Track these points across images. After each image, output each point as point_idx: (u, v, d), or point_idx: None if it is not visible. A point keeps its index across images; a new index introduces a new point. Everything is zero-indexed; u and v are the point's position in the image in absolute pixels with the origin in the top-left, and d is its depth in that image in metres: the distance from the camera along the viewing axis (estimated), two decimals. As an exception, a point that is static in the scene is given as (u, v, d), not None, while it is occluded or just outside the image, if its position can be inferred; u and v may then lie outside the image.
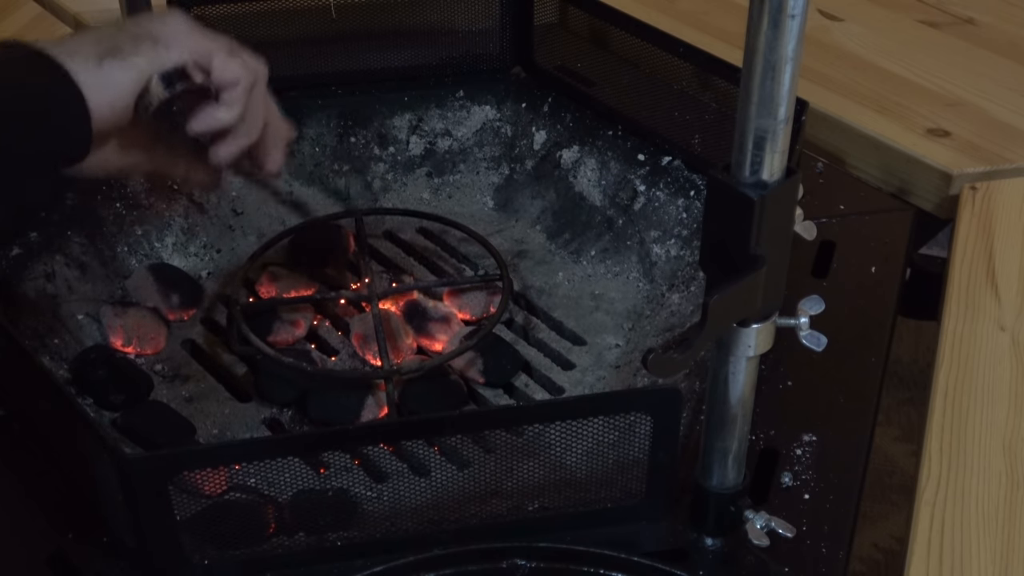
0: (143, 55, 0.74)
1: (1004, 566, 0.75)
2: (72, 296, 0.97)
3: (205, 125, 0.79)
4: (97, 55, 0.73)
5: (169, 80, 0.75)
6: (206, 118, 0.78)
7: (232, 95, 0.78)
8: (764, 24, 0.59)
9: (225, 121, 0.79)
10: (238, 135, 0.80)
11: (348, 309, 1.02)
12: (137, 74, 0.74)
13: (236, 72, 0.78)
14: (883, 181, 1.11)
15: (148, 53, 0.74)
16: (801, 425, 0.84)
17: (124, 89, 0.73)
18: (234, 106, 0.78)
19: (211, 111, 0.78)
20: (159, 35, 0.75)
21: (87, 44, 0.74)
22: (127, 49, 0.74)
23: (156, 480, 0.69)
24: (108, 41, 0.74)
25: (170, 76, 0.75)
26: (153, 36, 0.75)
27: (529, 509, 0.76)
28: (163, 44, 0.75)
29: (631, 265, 1.05)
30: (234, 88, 0.78)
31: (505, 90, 1.17)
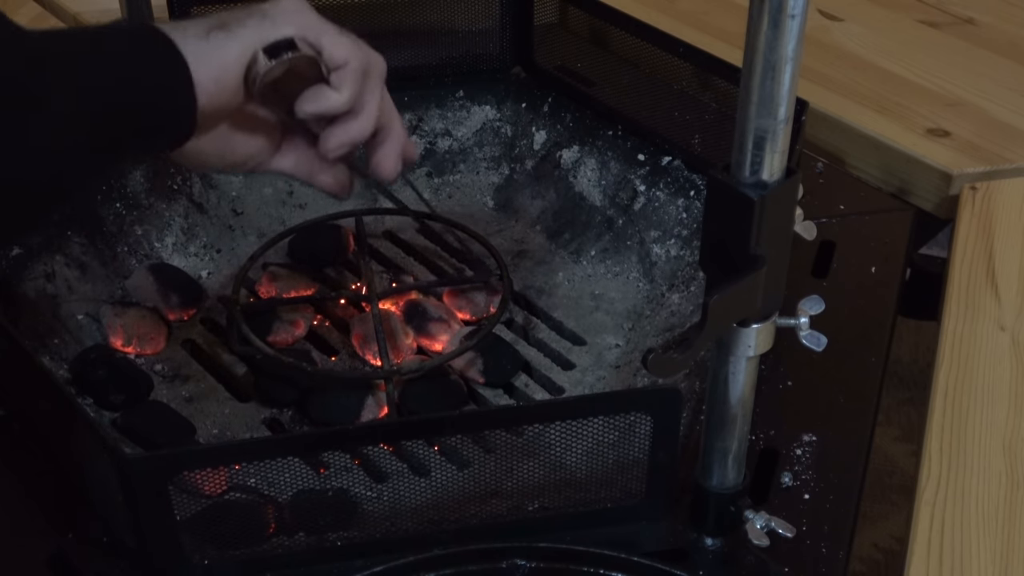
0: (249, 27, 0.72)
1: (1004, 566, 0.75)
2: (72, 296, 0.97)
3: (314, 106, 0.74)
4: (206, 28, 0.71)
5: (275, 50, 0.71)
6: (314, 99, 0.74)
7: (342, 75, 0.74)
8: (764, 24, 0.59)
9: (334, 103, 0.74)
10: (346, 124, 0.76)
11: (348, 309, 1.02)
12: (241, 45, 0.71)
13: (347, 51, 0.74)
14: (883, 181, 1.11)
15: (255, 26, 0.72)
16: (801, 425, 0.84)
17: (229, 60, 0.71)
18: (344, 88, 0.74)
19: (319, 91, 0.74)
20: (268, 10, 0.73)
21: (197, 21, 0.72)
22: (234, 23, 0.71)
23: (156, 480, 0.69)
24: (218, 17, 0.72)
25: (276, 46, 0.71)
26: (262, 11, 0.73)
27: (529, 509, 0.76)
28: (270, 19, 0.72)
29: (631, 265, 1.05)
30: (344, 68, 0.74)
31: (505, 90, 1.17)
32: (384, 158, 0.80)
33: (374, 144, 0.80)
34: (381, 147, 0.80)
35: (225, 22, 0.72)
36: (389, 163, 0.81)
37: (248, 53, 0.72)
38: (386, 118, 0.79)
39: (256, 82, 0.72)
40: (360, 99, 0.76)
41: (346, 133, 0.77)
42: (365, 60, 0.75)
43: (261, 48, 0.72)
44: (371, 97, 0.77)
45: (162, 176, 1.08)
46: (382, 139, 0.80)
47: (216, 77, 0.70)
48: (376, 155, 0.80)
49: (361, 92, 0.76)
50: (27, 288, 0.95)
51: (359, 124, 0.77)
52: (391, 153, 0.80)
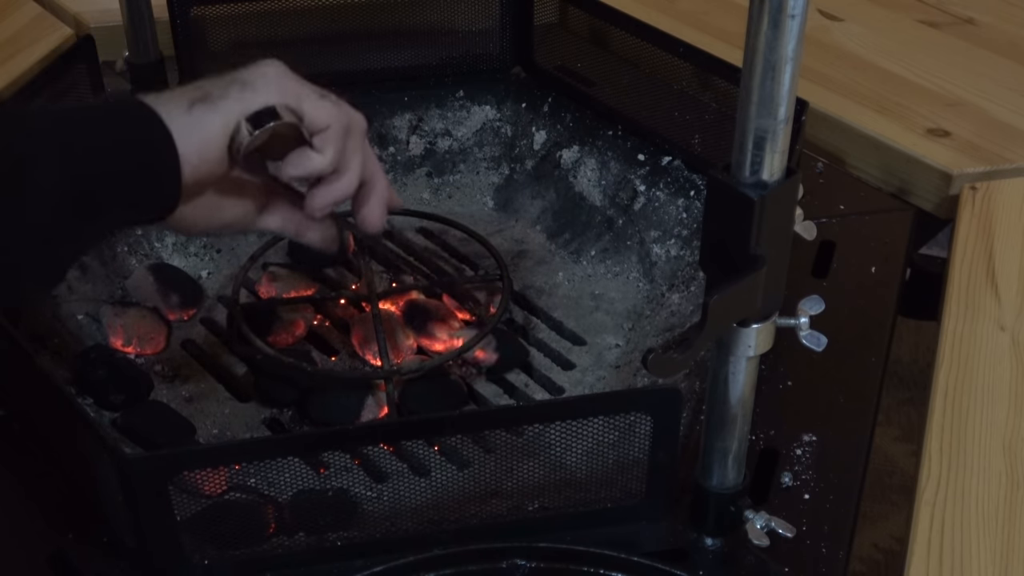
0: (231, 98, 0.73)
1: (1004, 566, 0.75)
2: (72, 296, 0.97)
3: (298, 170, 0.76)
4: (189, 101, 0.72)
5: (258, 119, 0.73)
6: (298, 162, 0.76)
7: (324, 138, 0.76)
8: (764, 24, 0.59)
9: (317, 166, 0.76)
10: (331, 184, 0.78)
11: (348, 309, 1.02)
12: (224, 118, 0.72)
13: (328, 114, 0.76)
14: (883, 181, 1.11)
15: (236, 96, 0.73)
16: (801, 425, 0.84)
17: (213, 133, 0.72)
18: (326, 151, 0.76)
19: (303, 155, 0.76)
20: (248, 79, 0.74)
21: (179, 92, 0.73)
22: (215, 94, 0.73)
23: (156, 480, 0.69)
24: (198, 89, 0.73)
25: (259, 116, 0.73)
26: (242, 80, 0.74)
27: (529, 509, 0.76)
28: (251, 87, 0.74)
29: (631, 265, 1.05)
30: (326, 131, 0.76)
31: (505, 90, 1.17)
32: (369, 213, 0.82)
33: (359, 199, 0.81)
34: (366, 203, 0.82)
35: (207, 94, 0.73)
36: (374, 217, 0.82)
37: (231, 124, 0.73)
38: (369, 173, 0.80)
39: (240, 151, 0.73)
40: (343, 159, 0.77)
41: (331, 193, 0.78)
42: (346, 121, 0.77)
43: (244, 118, 0.73)
44: (354, 156, 0.78)
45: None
46: (366, 194, 0.81)
47: (200, 150, 0.72)
48: (362, 211, 0.82)
49: (344, 152, 0.77)
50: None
51: (343, 183, 0.78)
52: (376, 207, 0.82)
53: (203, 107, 0.72)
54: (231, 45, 1.13)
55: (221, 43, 1.13)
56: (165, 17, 1.09)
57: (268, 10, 1.12)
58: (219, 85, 0.73)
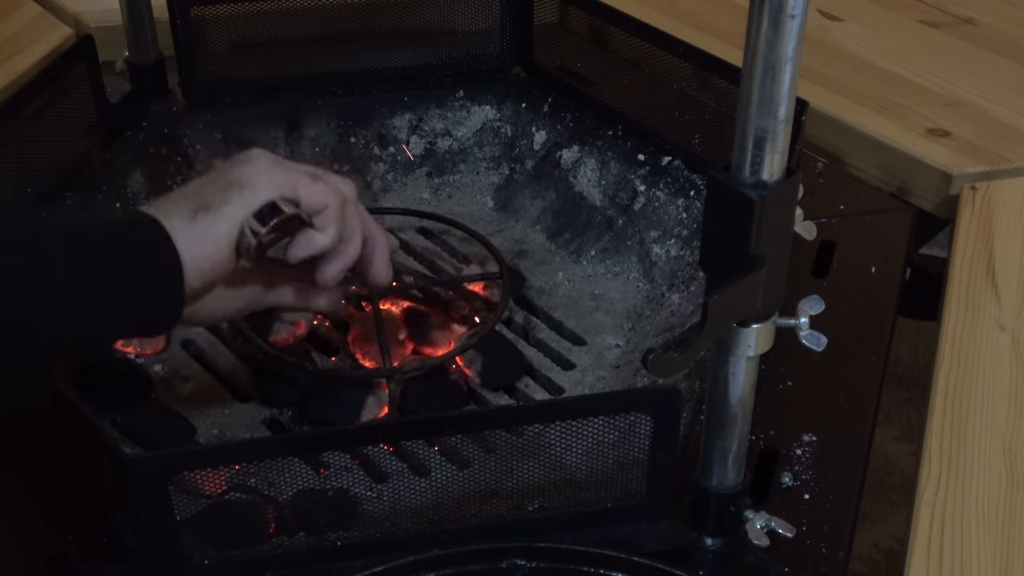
0: (232, 203, 0.75)
1: (1004, 566, 0.75)
2: (72, 296, 0.97)
3: (305, 251, 0.79)
4: (190, 210, 0.74)
5: (262, 218, 0.76)
6: (304, 245, 0.79)
7: (324, 218, 0.79)
8: (764, 24, 0.59)
9: (323, 244, 0.79)
10: (338, 255, 0.81)
11: (348, 309, 1.02)
12: (229, 224, 0.75)
13: (324, 196, 0.79)
14: (883, 181, 1.11)
15: (236, 200, 0.76)
16: (801, 425, 0.84)
17: (220, 241, 0.75)
18: (328, 228, 0.79)
19: (308, 237, 0.79)
20: (243, 179, 0.76)
21: (180, 202, 0.75)
22: (215, 201, 0.75)
23: (156, 480, 0.69)
24: (197, 196, 0.75)
25: (262, 214, 0.76)
26: (238, 183, 0.76)
27: (529, 509, 0.76)
28: (249, 187, 0.76)
29: (631, 265, 1.05)
30: (325, 211, 0.79)
31: (505, 90, 1.17)
32: (376, 270, 0.85)
33: (364, 260, 0.84)
34: (372, 261, 0.84)
35: (207, 202, 0.75)
36: (382, 271, 0.85)
37: (236, 228, 0.75)
38: (368, 232, 0.83)
39: (250, 252, 0.76)
40: (345, 231, 0.81)
41: (339, 263, 0.82)
42: (341, 196, 0.80)
43: (249, 221, 0.76)
44: (353, 224, 0.81)
45: (162, 176, 1.08)
46: (370, 252, 0.84)
47: (209, 256, 0.74)
48: (370, 270, 0.85)
49: (344, 224, 0.80)
50: (27, 288, 0.94)
51: (349, 252, 0.82)
52: (382, 262, 0.85)
53: (206, 216, 0.74)
54: (231, 45, 1.14)
55: (221, 43, 1.13)
56: (165, 17, 1.09)
57: (268, 10, 1.12)
58: (216, 190, 0.76)
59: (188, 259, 0.73)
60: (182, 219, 0.74)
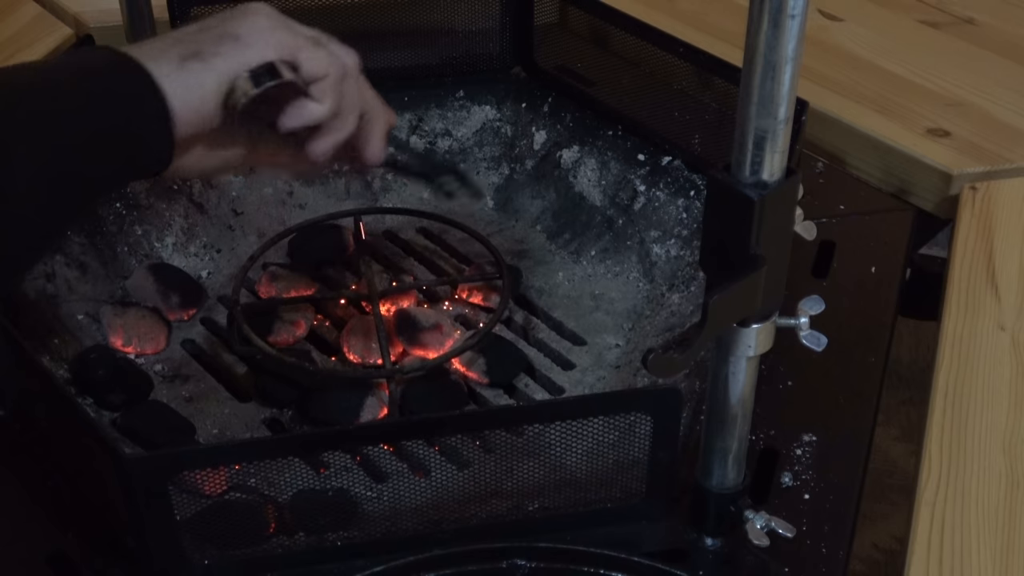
0: (224, 55, 0.71)
1: (1004, 566, 0.75)
2: (72, 296, 0.97)
3: (297, 121, 0.75)
4: (179, 57, 0.70)
5: (257, 78, 0.71)
6: (298, 114, 0.75)
7: (322, 88, 0.75)
8: (764, 24, 0.59)
9: (317, 115, 0.75)
10: (332, 129, 0.77)
11: (348, 309, 1.02)
12: (218, 75, 0.71)
13: (324, 64, 0.75)
14: (883, 181, 1.11)
15: (230, 53, 0.71)
16: (801, 425, 0.84)
17: (207, 91, 0.70)
18: (325, 99, 0.75)
19: (302, 106, 0.75)
20: (240, 33, 0.72)
21: (169, 46, 0.71)
22: (208, 50, 0.71)
23: (156, 480, 0.69)
24: (190, 43, 0.71)
25: (258, 74, 0.71)
26: (234, 34, 0.72)
27: (529, 509, 0.76)
28: (244, 42, 0.72)
29: (631, 265, 1.05)
30: (323, 81, 0.75)
31: (505, 90, 1.17)
32: (371, 149, 0.81)
33: (359, 136, 0.80)
34: (367, 139, 0.80)
35: (199, 50, 0.71)
36: (375, 151, 0.81)
37: (225, 82, 0.71)
38: (366, 107, 0.79)
39: (238, 106, 0.72)
40: (341, 104, 0.77)
41: (332, 138, 0.77)
42: (342, 66, 0.76)
43: (242, 76, 0.71)
44: (352, 98, 0.77)
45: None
46: (366, 129, 0.80)
47: (196, 108, 0.70)
48: (363, 148, 0.81)
49: (342, 97, 0.76)
50: (27, 288, 0.95)
51: (343, 127, 0.77)
52: (377, 141, 0.81)
53: (196, 64, 0.70)
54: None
55: (221, 43, 1.13)
56: (165, 17, 1.09)
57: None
58: (209, 39, 0.72)
59: (175, 105, 0.69)
60: (169, 64, 0.69)
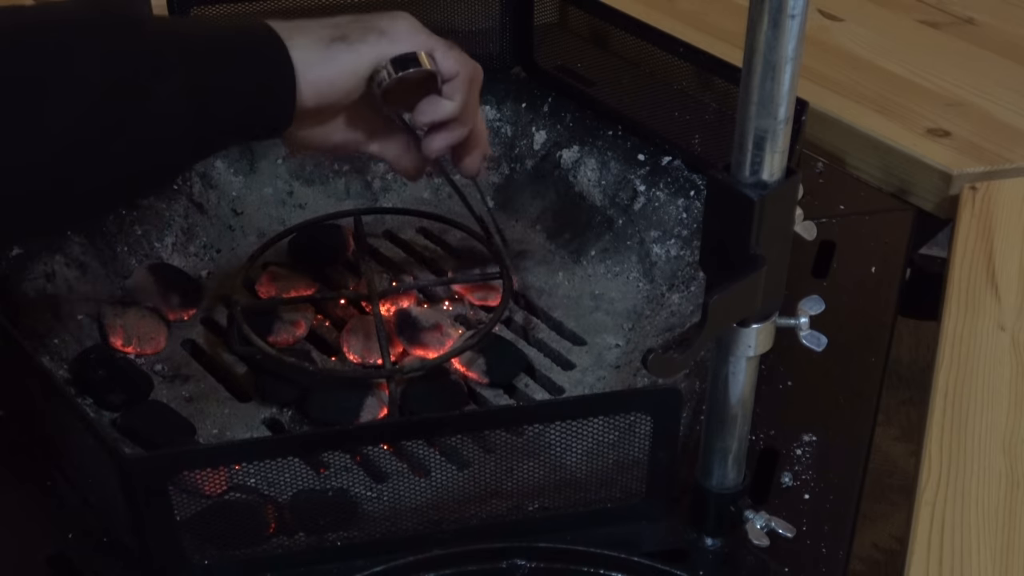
0: (370, 43, 0.79)
1: (1004, 566, 0.75)
2: (72, 296, 0.97)
3: (431, 116, 0.83)
4: (328, 38, 0.78)
5: (403, 63, 0.80)
6: (432, 108, 0.83)
7: (454, 86, 0.83)
8: (764, 24, 0.59)
9: (449, 111, 0.83)
10: (453, 128, 0.85)
11: (348, 309, 1.02)
12: (359, 58, 0.79)
13: (457, 65, 0.83)
14: (883, 181, 1.11)
15: (374, 43, 0.80)
16: (801, 425, 0.84)
17: (345, 69, 0.78)
18: (456, 97, 0.83)
19: (436, 102, 0.83)
20: (386, 29, 0.81)
21: (319, 27, 0.79)
22: (355, 37, 0.79)
23: (156, 480, 0.69)
24: (339, 28, 0.79)
25: (404, 60, 0.80)
26: (380, 29, 0.80)
27: (529, 509, 0.76)
28: (388, 37, 0.80)
29: (631, 265, 1.05)
30: (455, 80, 0.83)
31: (505, 90, 1.17)
32: (471, 161, 0.89)
33: (464, 147, 0.88)
34: (469, 151, 0.88)
35: (347, 34, 0.79)
36: (475, 163, 0.89)
37: (364, 64, 0.79)
38: (477, 124, 0.87)
39: (381, 87, 0.80)
40: (467, 107, 0.84)
41: (450, 137, 0.85)
42: (471, 71, 0.84)
43: (389, 60, 0.80)
44: (474, 104, 0.86)
45: (162, 176, 1.08)
46: (472, 142, 0.88)
47: (332, 80, 0.78)
48: (465, 159, 0.89)
49: (468, 100, 0.84)
50: (27, 288, 0.95)
51: (462, 129, 0.85)
52: (477, 155, 0.89)
53: (342, 45, 0.78)
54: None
55: (221, 43, 1.13)
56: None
57: (268, 10, 1.12)
58: (358, 30, 0.80)
59: (311, 77, 0.76)
60: (316, 42, 0.77)
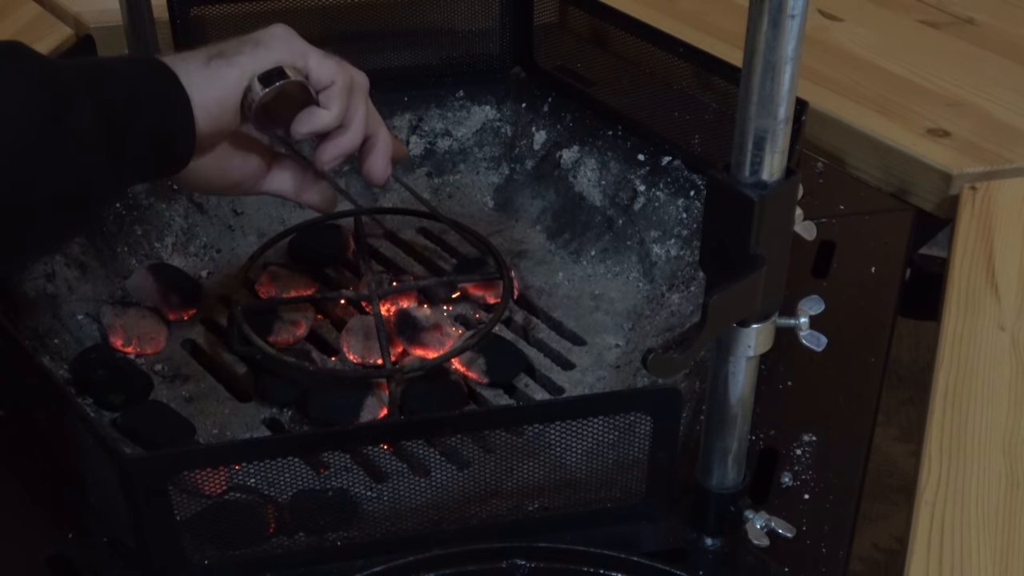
0: (245, 54, 0.79)
1: (1004, 566, 0.75)
2: (72, 296, 0.97)
3: (307, 127, 0.82)
4: (206, 56, 0.78)
5: (269, 77, 0.79)
6: (308, 118, 0.82)
7: (330, 94, 0.81)
8: (764, 24, 0.59)
9: (326, 121, 0.82)
10: (339, 137, 0.83)
11: (348, 309, 1.02)
12: (240, 71, 0.78)
13: (333, 71, 0.81)
14: (883, 181, 1.11)
15: (250, 53, 0.79)
16: (801, 425, 0.84)
17: (229, 85, 0.78)
18: (333, 105, 0.82)
19: (311, 113, 0.82)
20: (260, 39, 0.80)
21: (197, 51, 0.79)
22: (231, 51, 0.79)
23: (156, 480, 0.69)
24: (216, 47, 0.79)
25: (269, 75, 0.79)
26: (255, 40, 0.80)
27: (529, 509, 0.76)
28: (263, 46, 0.80)
29: (631, 265, 1.05)
30: (331, 87, 0.81)
31: (505, 90, 1.17)
32: (374, 165, 0.87)
33: (364, 153, 0.86)
34: (370, 155, 0.87)
35: (223, 51, 0.79)
36: (379, 169, 0.87)
37: (245, 78, 0.78)
38: (372, 128, 0.86)
39: (252, 107, 0.78)
40: (348, 114, 0.83)
41: (338, 147, 0.84)
42: (349, 78, 0.83)
43: (255, 76, 0.79)
44: (357, 111, 0.84)
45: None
46: (370, 147, 0.86)
47: (218, 99, 0.77)
48: (367, 163, 0.87)
49: (348, 108, 0.83)
50: (27, 288, 0.95)
51: (349, 137, 0.84)
52: (380, 159, 0.87)
53: (220, 61, 0.78)
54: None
55: (221, 43, 1.13)
56: (165, 17, 1.09)
57: (268, 10, 1.12)
58: (233, 44, 0.80)
59: (198, 99, 0.76)
60: (197, 64, 0.77)
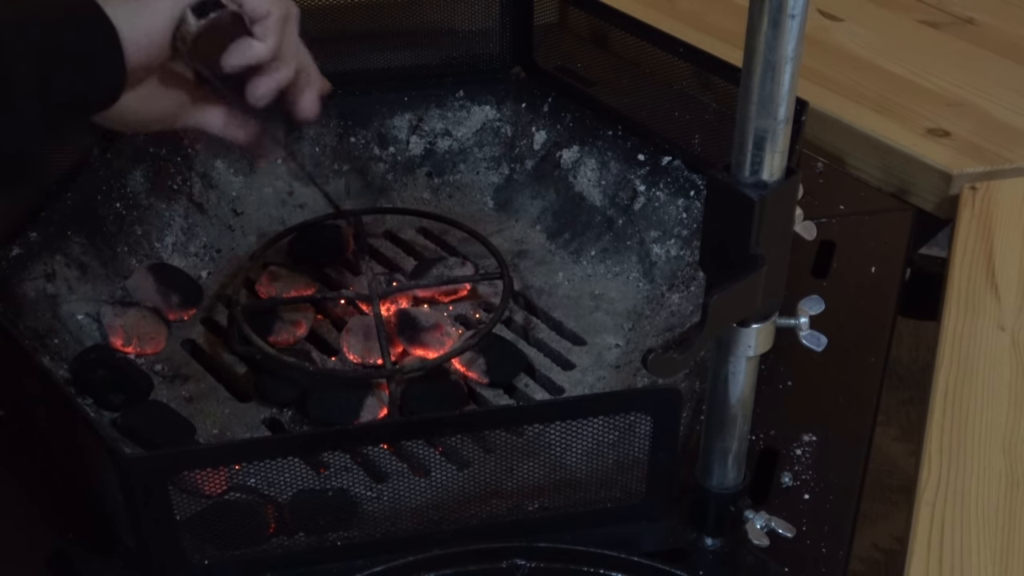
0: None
1: (1004, 566, 0.75)
2: (72, 296, 0.97)
3: (240, 59, 0.79)
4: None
5: (202, 8, 0.76)
6: (241, 50, 0.79)
7: (265, 26, 0.79)
8: (764, 24, 0.59)
9: (260, 53, 0.79)
10: (272, 71, 0.81)
11: (348, 309, 1.02)
12: (171, 5, 0.76)
13: (268, 3, 0.79)
14: (883, 181, 1.11)
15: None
16: (801, 425, 0.84)
17: (159, 17, 0.75)
18: (267, 38, 0.79)
19: (245, 44, 0.79)
20: None
21: None
22: None
23: (156, 480, 0.69)
24: None
25: (203, 5, 0.76)
26: None
27: (529, 509, 0.76)
28: None
29: (631, 265, 1.05)
30: (266, 19, 0.79)
31: (505, 90, 1.17)
32: (306, 101, 0.85)
33: (295, 89, 0.84)
34: (302, 92, 0.84)
35: None
36: (310, 105, 0.85)
37: (176, 11, 0.76)
38: (303, 63, 0.83)
39: (186, 40, 0.76)
40: (282, 47, 0.80)
41: (272, 80, 0.81)
42: (284, 9, 0.81)
43: (188, 7, 0.76)
44: (291, 44, 0.82)
45: (162, 176, 1.08)
46: (302, 83, 0.84)
47: (148, 31, 0.75)
48: (299, 100, 0.84)
49: (283, 40, 0.80)
50: (27, 288, 0.95)
51: (283, 71, 0.81)
52: (312, 96, 0.85)
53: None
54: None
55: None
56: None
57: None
58: None
59: (127, 32, 0.73)
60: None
